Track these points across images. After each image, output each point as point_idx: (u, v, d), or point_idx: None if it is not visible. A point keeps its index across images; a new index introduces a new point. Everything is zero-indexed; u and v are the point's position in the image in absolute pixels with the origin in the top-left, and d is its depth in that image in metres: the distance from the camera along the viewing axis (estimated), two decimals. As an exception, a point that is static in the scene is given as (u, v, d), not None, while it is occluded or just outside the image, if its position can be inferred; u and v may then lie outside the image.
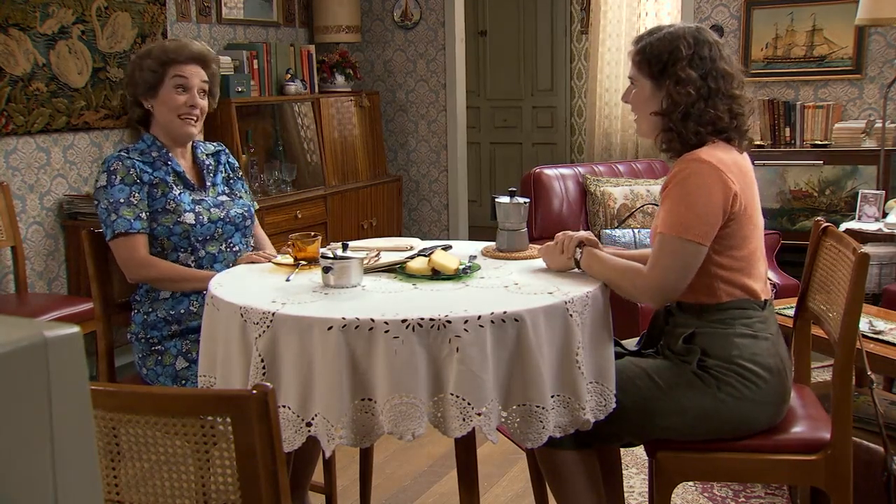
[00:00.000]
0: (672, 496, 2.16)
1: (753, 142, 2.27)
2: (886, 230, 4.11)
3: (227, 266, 2.56)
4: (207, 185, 2.67)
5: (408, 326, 1.81)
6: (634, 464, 3.18)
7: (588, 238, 2.22)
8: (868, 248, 2.28)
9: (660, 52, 2.13)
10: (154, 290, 2.57)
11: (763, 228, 2.20)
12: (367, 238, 2.90)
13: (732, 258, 2.10)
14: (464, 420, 1.81)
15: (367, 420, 1.85)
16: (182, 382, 2.48)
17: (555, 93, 7.44)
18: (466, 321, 1.82)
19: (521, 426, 1.88)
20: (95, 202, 2.55)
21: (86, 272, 2.69)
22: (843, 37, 4.97)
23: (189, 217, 2.54)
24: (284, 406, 1.86)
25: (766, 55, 5.15)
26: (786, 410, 2.17)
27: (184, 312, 2.53)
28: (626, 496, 2.74)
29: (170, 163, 2.59)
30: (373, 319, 1.81)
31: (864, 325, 2.90)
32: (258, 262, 2.45)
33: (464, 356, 1.80)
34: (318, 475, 2.72)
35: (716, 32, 2.49)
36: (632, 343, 2.33)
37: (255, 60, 4.97)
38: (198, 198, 2.61)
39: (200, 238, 2.55)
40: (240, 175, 2.79)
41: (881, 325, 2.97)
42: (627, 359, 2.20)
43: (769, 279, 2.30)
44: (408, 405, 1.80)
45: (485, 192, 7.65)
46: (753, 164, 2.22)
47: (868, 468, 2.42)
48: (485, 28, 7.65)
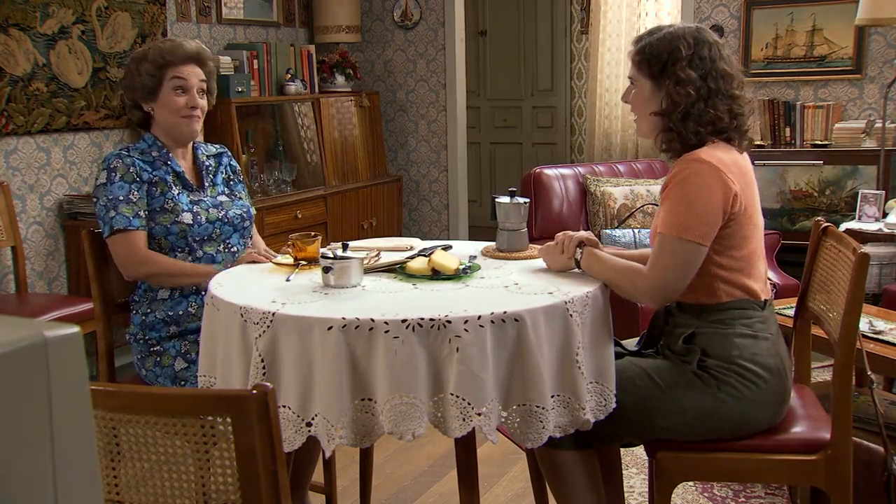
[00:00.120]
0: (672, 496, 2.16)
1: (753, 142, 2.27)
2: (886, 230, 4.11)
3: (226, 267, 2.56)
4: (206, 186, 2.67)
5: (408, 326, 1.81)
6: (634, 464, 3.18)
7: (588, 238, 2.22)
8: (868, 248, 2.28)
9: (659, 53, 2.13)
10: (152, 291, 2.56)
11: (763, 228, 2.20)
12: (367, 238, 2.90)
13: (732, 258, 2.10)
14: (464, 420, 1.81)
15: (368, 420, 1.85)
16: (181, 383, 2.48)
17: (555, 93, 7.44)
18: (466, 321, 1.82)
19: (521, 426, 1.88)
20: (94, 199, 2.55)
21: (86, 272, 2.69)
22: (843, 37, 4.97)
23: (186, 217, 2.54)
24: (284, 406, 1.86)
25: (766, 55, 5.15)
26: (786, 410, 2.17)
27: (182, 314, 2.53)
28: (626, 496, 2.74)
29: (169, 163, 2.59)
30: (373, 319, 1.81)
31: (864, 325, 2.90)
32: (259, 262, 2.44)
33: (464, 356, 1.80)
34: (319, 475, 2.72)
35: (716, 32, 2.49)
36: (632, 343, 2.33)
37: (256, 60, 4.97)
38: (196, 198, 2.61)
39: (198, 238, 2.55)
40: (240, 178, 2.79)
41: (881, 325, 2.97)
42: (627, 359, 2.20)
43: (769, 279, 2.30)
44: (408, 405, 1.80)
45: (485, 192, 7.65)
46: (753, 164, 2.22)
47: (868, 468, 2.42)
48: (485, 28, 7.65)
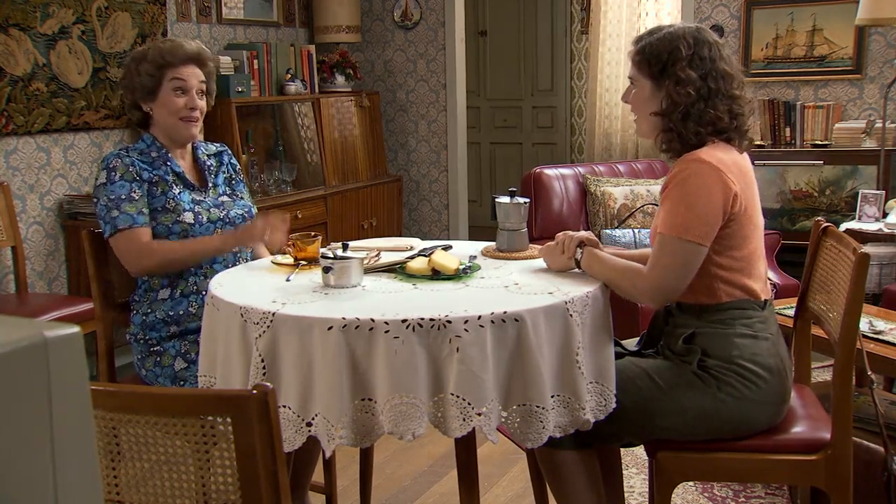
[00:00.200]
0: (672, 496, 2.16)
1: (753, 142, 2.27)
2: (886, 230, 4.11)
3: (227, 266, 2.56)
4: (209, 186, 2.67)
5: (408, 326, 1.80)
6: (634, 464, 3.18)
7: (589, 238, 2.22)
8: (868, 248, 2.28)
9: (659, 53, 2.12)
10: (153, 291, 2.56)
11: (763, 229, 2.20)
12: (368, 238, 2.90)
13: (732, 258, 2.10)
14: (464, 420, 1.81)
15: (368, 420, 1.85)
16: (181, 383, 2.47)
17: (555, 93, 7.44)
18: (466, 321, 1.81)
19: (522, 426, 1.88)
20: (95, 200, 2.53)
21: (86, 272, 2.68)
22: (844, 37, 4.97)
23: (188, 216, 2.54)
24: (284, 406, 1.86)
25: (767, 55, 5.15)
26: (786, 410, 2.17)
27: (182, 314, 2.53)
28: (626, 496, 2.74)
29: (169, 163, 2.59)
30: (373, 319, 1.81)
31: (865, 325, 2.90)
32: (270, 229, 2.46)
33: (464, 356, 1.80)
34: (319, 475, 2.72)
35: (716, 32, 2.49)
36: (632, 343, 2.33)
37: (256, 60, 4.97)
38: (198, 198, 2.61)
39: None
40: (241, 178, 2.79)
41: (881, 325, 2.97)
42: (628, 359, 2.20)
43: (769, 279, 2.30)
44: (408, 405, 1.80)
45: (485, 192, 7.65)
46: (753, 164, 2.22)
47: (868, 468, 2.42)
48: (485, 28, 7.65)
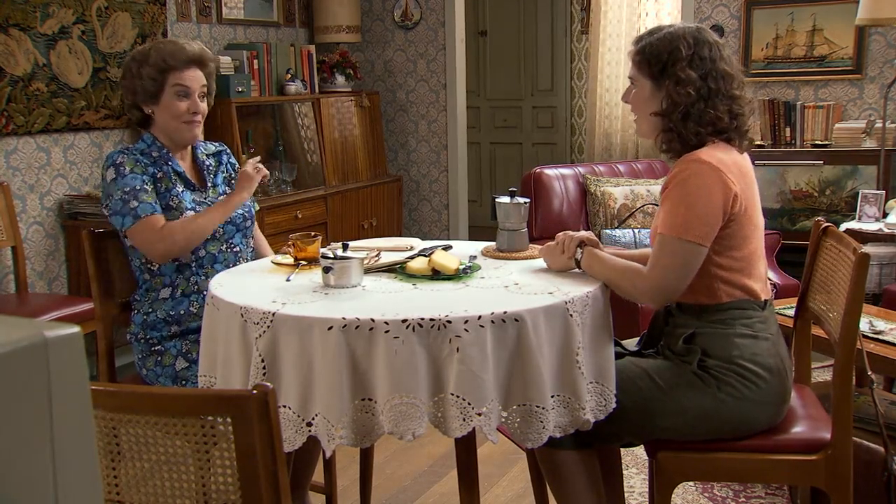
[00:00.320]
0: (672, 496, 2.16)
1: (754, 142, 2.27)
2: (887, 230, 4.11)
3: (227, 266, 2.56)
4: (208, 186, 2.67)
5: (408, 326, 1.80)
6: (634, 464, 3.18)
7: (589, 238, 2.22)
8: (868, 248, 2.28)
9: (660, 53, 2.12)
10: (154, 290, 2.56)
11: (763, 229, 2.20)
12: (368, 238, 2.90)
13: (732, 258, 2.10)
14: (464, 420, 1.81)
15: (368, 420, 1.85)
16: (182, 383, 2.48)
17: (555, 93, 7.44)
18: (467, 321, 1.81)
19: (522, 426, 1.88)
20: (107, 196, 2.49)
21: (86, 272, 2.68)
22: (844, 37, 4.97)
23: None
24: (285, 406, 1.86)
25: (767, 55, 5.15)
26: (786, 410, 2.17)
27: (184, 313, 2.53)
28: (626, 496, 2.74)
29: (170, 163, 2.59)
30: (373, 319, 1.81)
31: (865, 325, 2.90)
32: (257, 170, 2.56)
33: (464, 356, 1.80)
34: (319, 475, 2.72)
35: (716, 32, 2.49)
36: (632, 343, 2.33)
37: (256, 60, 4.97)
38: (199, 198, 2.61)
39: None
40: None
41: (881, 325, 2.97)
42: (628, 359, 2.20)
43: (769, 279, 2.30)
44: (408, 405, 1.80)
45: (485, 192, 7.65)
46: (753, 164, 2.22)
47: (868, 468, 2.42)
48: (485, 28, 7.65)
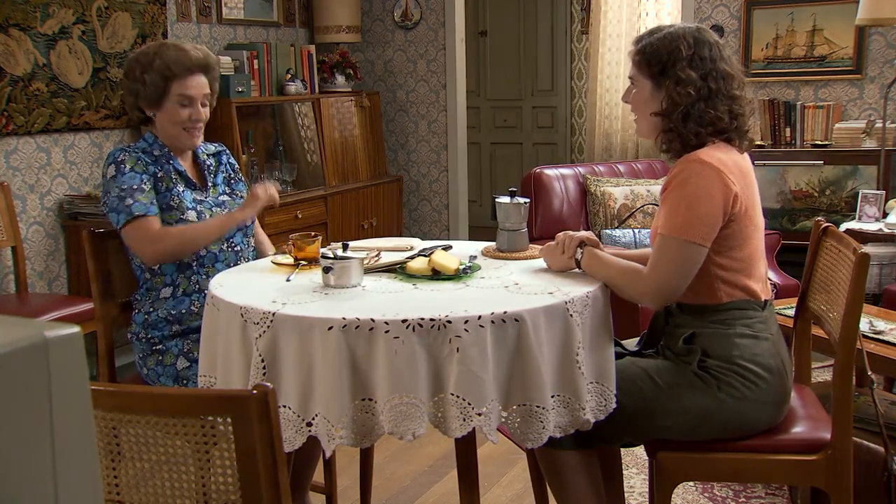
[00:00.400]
0: (672, 496, 2.16)
1: (754, 142, 2.27)
2: (887, 230, 4.11)
3: (228, 265, 2.56)
4: (209, 185, 2.67)
5: (408, 326, 1.80)
6: (634, 464, 3.18)
7: (589, 238, 2.22)
8: (868, 249, 2.28)
9: (660, 53, 2.12)
10: (155, 290, 2.57)
11: (763, 229, 2.20)
12: (368, 238, 2.90)
13: (733, 259, 2.10)
14: (464, 420, 1.81)
15: (368, 420, 1.85)
16: (183, 382, 2.48)
17: (555, 93, 7.44)
18: (467, 321, 1.81)
19: (522, 426, 1.88)
20: (105, 193, 2.51)
21: (86, 272, 2.68)
22: (844, 37, 4.97)
23: (191, 215, 2.54)
24: (285, 406, 1.86)
25: (767, 55, 5.15)
26: (786, 411, 2.17)
27: (185, 312, 2.53)
28: (626, 496, 2.73)
29: (171, 161, 2.59)
30: (373, 319, 1.81)
31: (865, 326, 2.90)
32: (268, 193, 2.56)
33: (464, 356, 1.80)
34: (319, 475, 2.72)
35: (716, 32, 2.49)
36: (632, 343, 2.33)
37: (256, 60, 4.97)
38: (199, 197, 2.61)
39: None
40: (240, 177, 2.79)
41: (881, 325, 2.97)
42: (628, 359, 2.20)
43: (769, 279, 2.30)
44: (408, 405, 1.80)
45: (485, 192, 7.65)
46: (754, 165, 2.22)
47: (868, 468, 2.42)
48: (485, 28, 7.64)
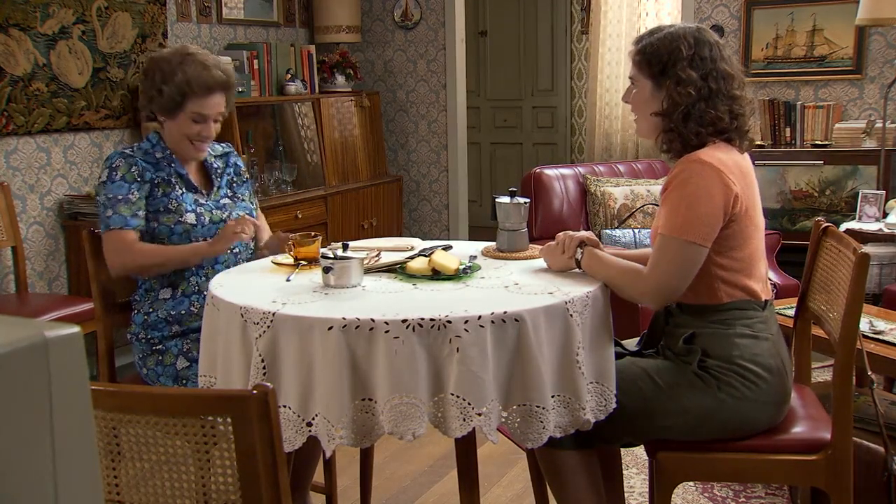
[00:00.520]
0: (672, 496, 2.16)
1: (754, 142, 2.27)
2: (887, 230, 4.11)
3: (228, 267, 2.56)
4: (213, 188, 2.67)
5: (408, 326, 1.80)
6: (634, 464, 3.18)
7: (589, 238, 2.22)
8: (868, 249, 2.28)
9: (660, 53, 2.12)
10: (154, 290, 2.57)
11: (764, 229, 2.20)
12: (368, 238, 2.90)
13: (733, 259, 2.10)
14: (464, 420, 1.81)
15: (368, 420, 1.85)
16: (183, 382, 2.48)
17: (555, 93, 7.44)
18: (467, 321, 1.81)
19: (522, 426, 1.88)
20: (96, 196, 2.56)
21: (86, 272, 2.69)
22: (844, 37, 4.97)
23: (190, 217, 2.54)
24: (285, 406, 1.86)
25: (767, 55, 5.15)
26: (786, 411, 2.17)
27: (184, 313, 2.53)
28: (626, 496, 2.73)
29: (173, 165, 2.59)
30: (373, 319, 1.81)
31: (865, 326, 2.90)
32: (244, 228, 2.46)
33: (464, 356, 1.80)
34: (319, 475, 2.72)
35: (716, 32, 2.49)
36: (632, 343, 2.33)
37: (256, 60, 4.97)
38: (201, 200, 2.61)
39: (201, 239, 2.55)
40: (245, 178, 2.78)
41: (881, 326, 2.97)
42: (628, 359, 2.20)
43: (769, 279, 2.30)
44: (408, 405, 1.80)
45: (485, 192, 7.65)
46: (754, 165, 2.22)
47: (869, 468, 2.42)
48: (485, 28, 7.64)
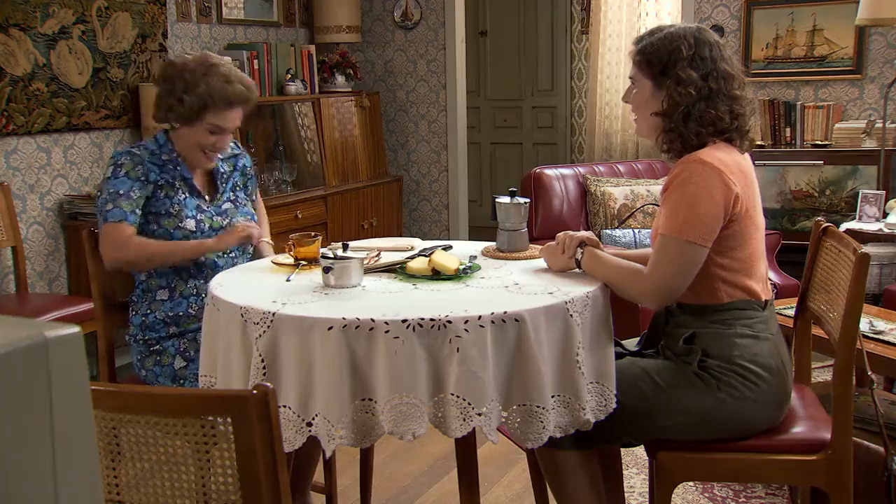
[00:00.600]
0: (672, 496, 2.16)
1: (755, 142, 2.27)
2: (887, 230, 4.11)
3: (228, 267, 2.56)
4: (218, 193, 2.66)
5: (408, 326, 1.80)
6: (634, 464, 3.18)
7: (589, 238, 2.22)
8: (868, 249, 2.28)
9: (660, 53, 2.12)
10: (151, 291, 2.56)
11: (764, 229, 2.20)
12: (368, 238, 2.90)
13: (733, 259, 2.10)
14: (464, 420, 1.81)
15: (368, 420, 1.85)
16: (181, 382, 2.48)
17: (555, 93, 7.44)
18: (467, 321, 1.81)
19: (522, 426, 1.88)
20: (98, 193, 2.55)
21: (86, 272, 2.69)
22: (844, 37, 4.97)
23: (190, 223, 2.54)
24: (285, 406, 1.86)
25: (767, 55, 5.15)
26: (786, 411, 2.17)
27: (182, 315, 2.53)
28: (626, 496, 2.73)
29: (179, 168, 2.58)
30: (373, 319, 1.81)
31: (865, 326, 2.90)
32: (250, 232, 2.53)
33: (464, 356, 1.80)
34: (319, 475, 2.72)
35: (716, 32, 2.49)
36: (632, 343, 2.33)
37: (256, 61, 4.97)
38: (203, 206, 2.60)
39: None
40: (250, 175, 2.77)
41: (881, 326, 2.97)
42: (628, 359, 2.19)
43: (769, 279, 2.30)
44: (408, 405, 1.80)
45: (485, 192, 7.65)
46: (754, 165, 2.22)
47: (869, 468, 2.42)
48: (485, 28, 7.64)
